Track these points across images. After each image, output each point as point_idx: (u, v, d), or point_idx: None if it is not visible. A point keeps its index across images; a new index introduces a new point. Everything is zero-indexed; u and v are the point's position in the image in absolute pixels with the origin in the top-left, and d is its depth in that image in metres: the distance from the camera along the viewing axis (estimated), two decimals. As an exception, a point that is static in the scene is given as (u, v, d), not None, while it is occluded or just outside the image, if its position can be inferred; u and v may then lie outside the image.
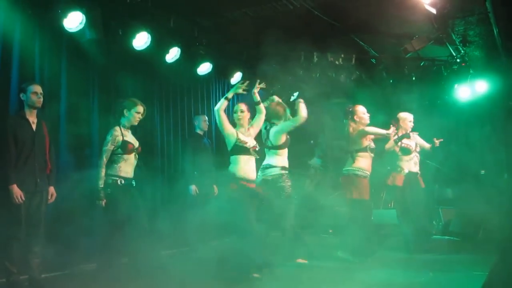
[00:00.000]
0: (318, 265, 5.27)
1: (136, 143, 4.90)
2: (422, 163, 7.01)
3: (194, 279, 4.71)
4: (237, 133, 4.83)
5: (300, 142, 8.38)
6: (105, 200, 4.63)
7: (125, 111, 4.85)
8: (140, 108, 4.89)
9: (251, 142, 4.85)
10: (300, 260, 5.37)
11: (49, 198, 4.43)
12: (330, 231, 8.56)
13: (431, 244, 6.69)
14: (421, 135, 8.18)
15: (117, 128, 4.80)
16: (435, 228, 7.97)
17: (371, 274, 4.74)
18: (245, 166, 4.75)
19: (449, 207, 8.13)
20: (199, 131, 6.67)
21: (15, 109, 4.56)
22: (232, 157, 4.78)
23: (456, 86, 8.45)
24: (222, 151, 7.54)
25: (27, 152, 4.23)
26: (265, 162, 5.44)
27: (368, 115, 6.03)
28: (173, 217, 5.99)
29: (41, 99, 4.35)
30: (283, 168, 5.41)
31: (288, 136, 5.52)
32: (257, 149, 4.87)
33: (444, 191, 8.59)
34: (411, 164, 6.40)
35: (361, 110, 5.97)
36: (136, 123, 4.93)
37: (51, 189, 4.45)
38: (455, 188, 8.52)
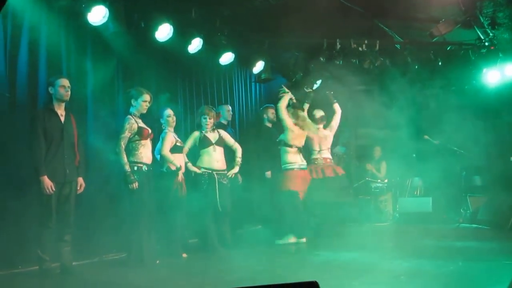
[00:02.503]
0: (344, 255, 5.25)
1: (150, 129, 4.99)
2: (445, 149, 6.94)
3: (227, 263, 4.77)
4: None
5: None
6: (136, 183, 4.72)
7: (132, 100, 4.98)
8: (147, 97, 4.98)
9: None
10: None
11: (78, 188, 4.55)
12: (355, 219, 8.52)
13: (460, 232, 6.61)
14: (449, 122, 8.05)
15: (130, 116, 4.94)
16: (462, 216, 7.85)
17: (398, 263, 4.70)
18: None
19: (477, 195, 7.98)
20: (223, 121, 6.70)
21: (44, 102, 4.66)
22: None
23: (484, 70, 8.23)
24: (246, 140, 7.58)
25: (56, 144, 4.36)
26: None
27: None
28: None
29: (69, 92, 4.47)
30: None
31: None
32: None
33: (472, 179, 8.44)
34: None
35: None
36: (145, 111, 5.04)
37: (80, 180, 4.57)
38: (484, 176, 8.36)
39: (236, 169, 5.98)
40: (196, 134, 5.88)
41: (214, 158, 5.79)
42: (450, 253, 5.23)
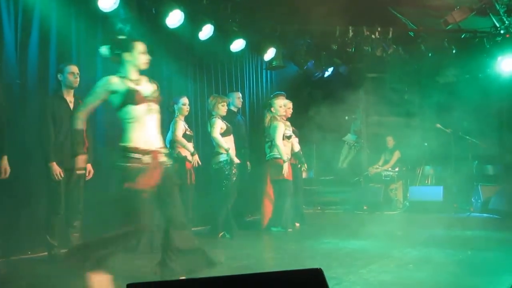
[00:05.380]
0: (353, 244, 5.26)
1: None
2: (459, 139, 6.92)
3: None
4: None
5: (335, 118, 8.35)
6: None
7: None
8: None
9: None
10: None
11: (87, 175, 4.57)
12: (365, 207, 8.53)
13: (470, 221, 6.57)
14: (462, 110, 7.97)
15: None
16: (473, 205, 7.80)
17: (407, 252, 4.70)
18: None
19: (488, 184, 7.92)
20: (233, 108, 6.68)
21: (53, 89, 4.68)
22: None
23: (499, 58, 8.10)
24: (256, 128, 7.58)
25: (65, 131, 4.36)
26: None
27: (285, 108, 6.40)
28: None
29: (78, 79, 4.47)
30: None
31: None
32: None
33: (484, 168, 8.37)
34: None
35: (279, 103, 6.34)
36: None
37: (89, 166, 4.58)
38: (496, 165, 8.29)
39: None
40: (220, 121, 5.82)
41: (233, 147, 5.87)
42: (459, 242, 5.21)
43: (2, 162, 3.92)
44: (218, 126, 5.75)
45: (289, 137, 6.38)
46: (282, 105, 6.37)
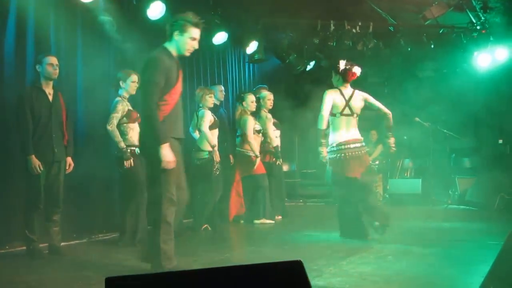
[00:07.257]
0: (334, 236, 5.31)
1: (137, 113, 4.96)
2: (437, 132, 7.03)
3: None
4: None
5: (317, 112, 8.37)
6: (132, 159, 4.72)
7: (121, 82, 4.89)
8: (135, 77, 4.91)
9: None
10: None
11: (67, 168, 4.50)
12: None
13: (448, 213, 6.70)
14: (440, 104, 8.10)
15: (120, 98, 4.87)
16: (450, 197, 7.96)
17: (386, 244, 4.77)
18: None
19: (465, 177, 8.08)
20: (215, 101, 6.66)
21: (32, 80, 4.56)
22: None
23: (475, 54, 8.25)
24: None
25: (44, 123, 4.28)
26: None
27: (267, 100, 6.57)
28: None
29: (57, 71, 4.38)
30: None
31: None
32: None
33: (461, 161, 8.54)
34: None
35: (251, 99, 6.36)
36: (134, 92, 4.95)
37: (69, 159, 4.51)
38: (472, 158, 8.46)
39: None
40: (210, 113, 5.76)
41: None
42: (437, 234, 5.31)
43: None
44: (208, 119, 5.70)
45: (259, 131, 6.41)
46: (254, 101, 6.37)
